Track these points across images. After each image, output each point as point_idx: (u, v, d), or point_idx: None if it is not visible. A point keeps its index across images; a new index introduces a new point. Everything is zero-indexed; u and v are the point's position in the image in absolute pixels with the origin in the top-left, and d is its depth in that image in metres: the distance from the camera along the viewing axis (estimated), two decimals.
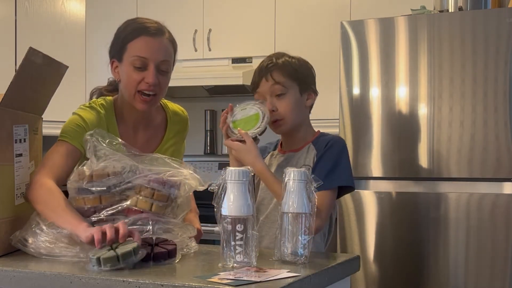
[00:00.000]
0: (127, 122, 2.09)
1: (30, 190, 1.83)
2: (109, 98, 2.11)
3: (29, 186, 1.84)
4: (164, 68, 2.01)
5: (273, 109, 2.02)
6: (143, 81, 1.97)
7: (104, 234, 1.60)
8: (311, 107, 2.15)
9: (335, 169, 1.99)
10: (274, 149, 2.18)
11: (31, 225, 1.75)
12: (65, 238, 1.70)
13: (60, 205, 1.76)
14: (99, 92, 2.19)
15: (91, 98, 2.17)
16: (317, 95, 2.14)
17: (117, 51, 2.02)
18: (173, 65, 2.09)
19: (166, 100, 2.23)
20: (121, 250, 1.52)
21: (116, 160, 1.80)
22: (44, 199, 1.80)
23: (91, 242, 1.60)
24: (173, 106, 2.24)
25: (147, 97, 1.99)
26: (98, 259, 1.50)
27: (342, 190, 2.05)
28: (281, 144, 2.17)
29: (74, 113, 2.02)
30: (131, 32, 1.99)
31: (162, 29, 2.02)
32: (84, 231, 1.65)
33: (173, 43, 2.06)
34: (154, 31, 1.99)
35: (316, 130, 2.17)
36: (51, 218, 1.74)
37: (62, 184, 1.85)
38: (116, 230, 1.61)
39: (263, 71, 2.04)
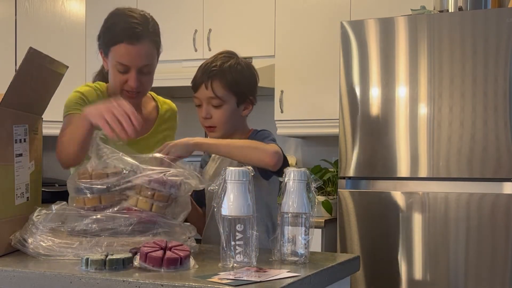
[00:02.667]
0: None
1: (56, 147, 1.98)
2: (103, 83, 2.21)
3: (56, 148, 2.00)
4: (146, 70, 2.09)
5: (207, 116, 2.04)
6: (127, 83, 2.08)
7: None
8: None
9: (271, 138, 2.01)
10: None
11: (29, 225, 1.75)
12: (61, 234, 1.70)
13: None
14: (100, 72, 2.28)
15: (93, 81, 2.29)
16: (255, 104, 2.11)
17: (102, 47, 2.11)
18: (158, 57, 2.16)
19: (154, 93, 2.34)
20: (113, 256, 1.52)
21: (116, 159, 1.79)
22: (63, 140, 1.97)
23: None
24: (161, 97, 2.35)
25: (133, 93, 2.11)
26: (87, 260, 1.51)
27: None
28: None
29: (73, 91, 2.14)
30: (114, 37, 2.06)
31: (143, 32, 2.05)
32: (91, 115, 1.83)
33: (155, 42, 2.11)
34: (135, 38, 2.03)
35: (250, 128, 2.15)
36: (71, 142, 1.91)
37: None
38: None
39: (205, 76, 2.03)
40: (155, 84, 2.31)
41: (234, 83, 2.02)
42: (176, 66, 4.11)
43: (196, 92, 2.07)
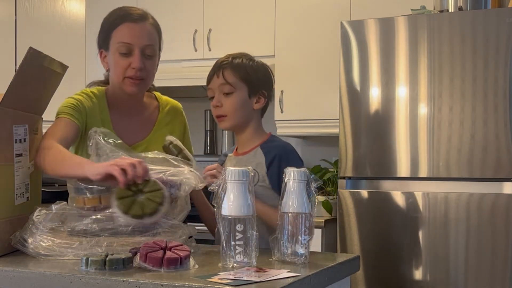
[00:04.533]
0: (119, 108, 2.13)
1: (38, 155, 1.86)
2: (101, 87, 2.17)
3: (37, 152, 1.87)
4: (149, 52, 2.06)
5: (218, 105, 2.04)
6: (130, 66, 2.03)
7: (123, 170, 1.65)
8: (263, 111, 2.12)
9: None
10: (232, 152, 2.17)
11: (29, 225, 1.75)
12: (61, 234, 1.70)
13: (68, 154, 1.87)
14: (96, 85, 2.23)
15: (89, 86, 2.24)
16: (269, 100, 2.11)
17: (103, 40, 2.08)
18: (159, 51, 2.13)
19: (159, 93, 2.28)
20: (113, 256, 1.52)
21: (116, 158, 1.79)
22: (53, 155, 1.84)
23: (103, 179, 1.67)
24: (166, 97, 2.28)
25: (136, 80, 2.04)
26: (87, 260, 1.51)
27: None
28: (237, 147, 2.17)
29: (68, 98, 2.09)
30: (115, 20, 2.06)
31: (145, 15, 2.08)
32: (92, 168, 1.70)
33: (156, 28, 2.10)
34: (136, 17, 2.05)
35: (267, 132, 2.14)
36: (61, 169, 1.81)
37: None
38: (133, 166, 1.66)
39: (216, 68, 2.06)
40: (155, 84, 2.30)
41: (245, 72, 2.04)
42: (176, 66, 4.11)
43: (209, 84, 2.08)
